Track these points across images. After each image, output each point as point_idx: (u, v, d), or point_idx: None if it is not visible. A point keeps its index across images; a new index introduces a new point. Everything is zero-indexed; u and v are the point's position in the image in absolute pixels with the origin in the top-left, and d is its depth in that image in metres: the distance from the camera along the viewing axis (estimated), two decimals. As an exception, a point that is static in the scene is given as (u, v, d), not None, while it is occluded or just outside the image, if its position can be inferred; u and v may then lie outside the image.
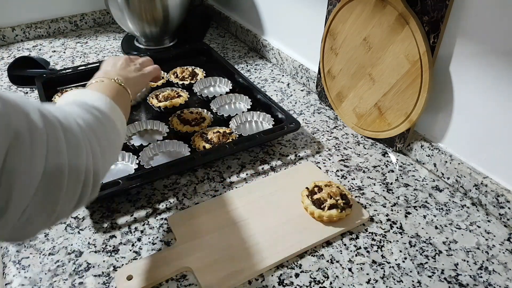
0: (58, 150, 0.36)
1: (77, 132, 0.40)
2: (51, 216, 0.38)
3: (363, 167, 0.76)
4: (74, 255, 0.58)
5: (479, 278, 0.56)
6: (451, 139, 0.71)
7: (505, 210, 0.64)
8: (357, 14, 0.76)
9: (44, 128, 0.35)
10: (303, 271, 0.57)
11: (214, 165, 0.75)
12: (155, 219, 0.64)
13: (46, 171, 0.35)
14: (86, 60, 1.11)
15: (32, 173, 0.33)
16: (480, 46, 0.61)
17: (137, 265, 0.56)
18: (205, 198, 0.68)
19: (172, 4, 1.07)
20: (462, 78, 0.66)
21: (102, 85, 0.58)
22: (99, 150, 0.44)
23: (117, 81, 0.60)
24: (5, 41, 1.18)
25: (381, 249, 0.60)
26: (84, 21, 1.29)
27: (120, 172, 0.71)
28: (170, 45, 1.18)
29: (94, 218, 0.64)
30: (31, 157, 0.33)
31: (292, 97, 0.97)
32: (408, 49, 0.68)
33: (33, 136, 0.33)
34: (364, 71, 0.78)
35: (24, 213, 0.34)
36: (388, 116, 0.76)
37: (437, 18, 0.64)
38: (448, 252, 0.60)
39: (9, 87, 0.98)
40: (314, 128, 0.86)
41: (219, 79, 0.98)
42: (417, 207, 0.67)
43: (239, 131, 0.82)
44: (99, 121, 0.46)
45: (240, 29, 1.23)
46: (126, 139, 0.78)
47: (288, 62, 1.05)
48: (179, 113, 0.84)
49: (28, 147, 0.33)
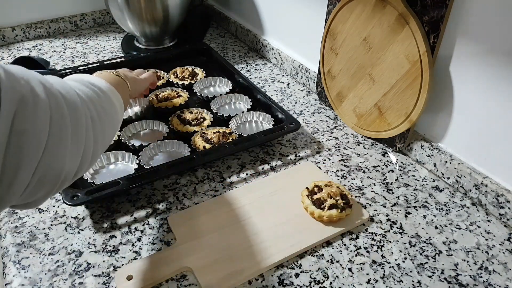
0: (61, 114, 0.38)
1: (76, 100, 0.42)
2: (59, 176, 0.40)
3: (363, 167, 0.76)
4: (74, 255, 0.58)
5: (479, 278, 0.56)
6: (451, 139, 0.71)
7: (505, 210, 0.64)
8: (357, 14, 0.76)
9: (47, 98, 0.36)
10: (303, 271, 0.57)
11: (214, 165, 0.75)
12: (155, 219, 0.64)
13: (51, 132, 0.37)
14: (86, 60, 1.11)
15: (39, 135, 0.35)
16: (480, 46, 0.61)
17: (137, 265, 0.56)
18: (205, 198, 0.68)
19: (172, 4, 1.07)
20: (462, 78, 0.66)
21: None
22: (98, 119, 0.46)
23: (116, 73, 0.63)
24: (5, 41, 1.18)
25: (381, 249, 0.60)
26: (84, 21, 1.29)
27: (120, 172, 0.71)
28: (170, 45, 1.18)
29: (94, 218, 0.64)
30: (36, 119, 0.35)
31: (292, 97, 0.97)
32: (408, 49, 0.68)
33: (36, 101, 0.35)
34: (364, 71, 0.78)
35: (34, 174, 0.36)
36: (388, 116, 0.76)
37: (437, 18, 0.64)
38: (448, 252, 0.60)
39: (9, 87, 0.98)
40: (314, 128, 0.86)
41: (219, 79, 0.98)
42: (417, 207, 0.67)
43: (239, 131, 0.82)
44: (98, 96, 0.49)
45: (240, 29, 1.23)
46: (126, 139, 0.78)
47: (288, 62, 1.05)
48: (179, 113, 0.84)
49: (33, 111, 0.34)
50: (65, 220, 0.64)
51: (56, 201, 0.67)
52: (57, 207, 0.66)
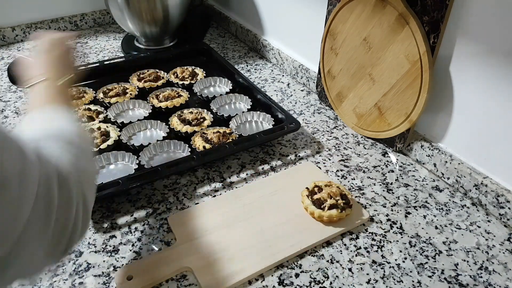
0: (50, 196, 0.36)
1: (69, 183, 0.39)
2: (55, 248, 0.38)
3: (363, 167, 0.76)
4: (74, 255, 0.58)
5: (479, 278, 0.56)
6: (451, 139, 0.71)
7: (505, 210, 0.64)
8: (357, 14, 0.76)
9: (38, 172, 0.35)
10: (303, 271, 0.57)
11: (214, 165, 0.75)
12: (155, 219, 0.64)
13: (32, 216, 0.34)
14: (86, 60, 1.10)
15: (19, 217, 0.33)
16: (480, 46, 0.61)
17: (137, 265, 0.56)
18: (205, 198, 0.68)
19: (172, 4, 1.07)
20: (462, 78, 0.66)
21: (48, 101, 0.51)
22: (87, 185, 0.43)
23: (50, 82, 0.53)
24: (5, 41, 1.18)
25: (381, 249, 0.60)
26: (84, 21, 1.29)
27: (120, 172, 0.71)
28: (170, 45, 1.18)
29: (94, 218, 0.64)
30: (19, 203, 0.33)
31: (292, 97, 0.97)
32: (408, 49, 0.68)
33: (23, 181, 0.33)
34: (364, 71, 0.78)
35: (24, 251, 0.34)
36: (388, 116, 0.76)
37: (437, 18, 0.64)
38: (448, 252, 0.60)
39: (9, 87, 0.98)
40: (314, 128, 0.86)
41: (219, 79, 0.98)
42: (417, 207, 0.67)
43: (239, 131, 0.82)
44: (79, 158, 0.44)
45: (240, 29, 1.23)
46: (126, 139, 0.78)
47: (288, 62, 1.05)
48: (179, 113, 0.84)
49: (17, 193, 0.32)
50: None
51: (56, 201, 0.67)
52: (57, 207, 0.66)
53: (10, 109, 0.90)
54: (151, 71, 0.98)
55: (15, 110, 0.90)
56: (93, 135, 0.75)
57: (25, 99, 0.94)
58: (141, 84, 0.94)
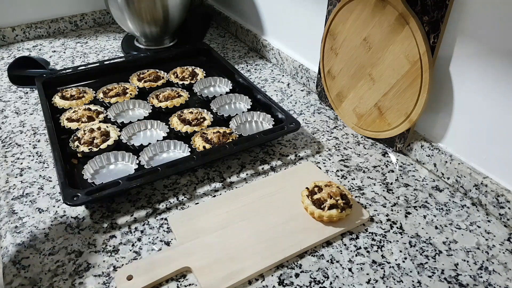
0: None
1: None
2: None
3: (363, 167, 0.76)
4: (74, 255, 0.58)
5: (479, 278, 0.56)
6: (451, 139, 0.71)
7: (505, 210, 0.64)
8: (357, 14, 0.76)
9: None
10: (303, 271, 0.57)
11: (214, 165, 0.75)
12: (155, 219, 0.64)
13: None
14: (86, 60, 1.11)
15: None
16: (480, 46, 0.61)
17: (137, 265, 0.56)
18: (205, 198, 0.68)
19: (172, 4, 1.07)
20: (462, 78, 0.66)
21: None
22: None
23: None
24: (5, 41, 1.18)
25: (381, 249, 0.60)
26: (84, 21, 1.29)
27: (120, 172, 0.71)
28: (170, 45, 1.18)
29: (94, 218, 0.64)
30: None
31: (292, 97, 0.97)
32: (408, 49, 0.68)
33: None
34: (364, 71, 0.78)
35: None
36: (388, 116, 0.76)
37: (437, 18, 0.64)
38: (448, 252, 0.60)
39: (9, 87, 0.98)
40: (314, 128, 0.86)
41: (219, 79, 0.98)
42: (417, 207, 0.67)
43: (239, 131, 0.82)
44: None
45: (240, 29, 1.23)
46: (126, 139, 0.78)
47: (288, 62, 1.05)
48: (179, 113, 0.84)
49: None
50: (65, 220, 0.64)
51: (56, 201, 0.67)
52: (57, 207, 0.66)
53: (10, 109, 0.90)
54: (151, 71, 0.98)
55: (15, 110, 0.90)
56: (93, 135, 0.75)
57: (25, 99, 0.94)
58: (141, 84, 0.94)
